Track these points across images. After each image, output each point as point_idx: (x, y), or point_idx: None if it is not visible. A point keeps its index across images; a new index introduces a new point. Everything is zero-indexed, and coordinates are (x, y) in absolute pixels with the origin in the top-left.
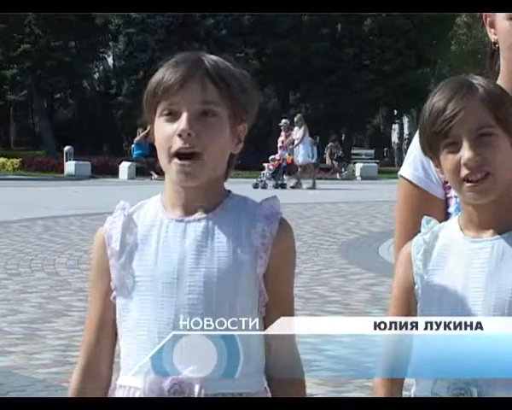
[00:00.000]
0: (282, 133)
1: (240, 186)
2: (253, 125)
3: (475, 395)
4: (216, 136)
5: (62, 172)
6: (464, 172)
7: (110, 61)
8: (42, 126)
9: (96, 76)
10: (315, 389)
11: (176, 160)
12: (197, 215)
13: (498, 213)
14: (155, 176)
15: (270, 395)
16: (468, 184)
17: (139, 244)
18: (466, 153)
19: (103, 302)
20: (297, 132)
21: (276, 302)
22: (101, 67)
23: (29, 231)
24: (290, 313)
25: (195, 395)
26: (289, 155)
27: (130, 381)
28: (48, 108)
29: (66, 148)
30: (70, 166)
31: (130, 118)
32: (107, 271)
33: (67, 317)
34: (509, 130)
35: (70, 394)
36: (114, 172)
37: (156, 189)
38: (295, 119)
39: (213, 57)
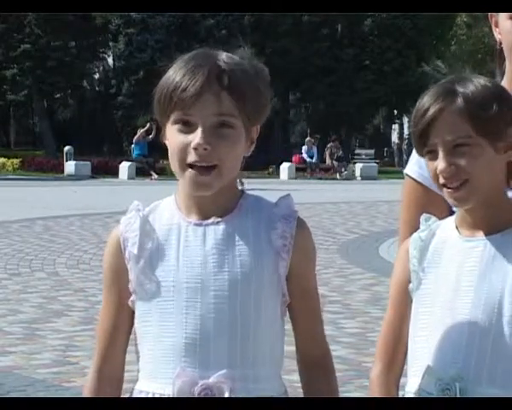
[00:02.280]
0: None
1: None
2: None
3: (458, 391)
4: (232, 147)
5: (62, 172)
6: (441, 179)
7: (110, 61)
8: (42, 126)
9: (96, 76)
10: None
11: (190, 170)
12: (215, 218)
13: (490, 214)
14: (155, 176)
15: (288, 396)
16: (447, 190)
17: (158, 248)
18: (440, 163)
19: (117, 306)
20: None
21: (302, 301)
22: (102, 67)
23: (29, 231)
24: (316, 309)
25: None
26: None
27: (154, 387)
28: (48, 108)
29: (66, 148)
30: (70, 166)
31: (130, 118)
32: (122, 274)
33: (67, 317)
34: (491, 137)
35: (84, 395)
36: (114, 172)
37: (156, 189)
38: None
39: (229, 61)
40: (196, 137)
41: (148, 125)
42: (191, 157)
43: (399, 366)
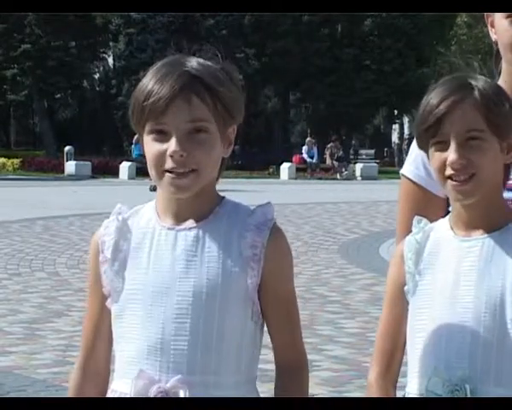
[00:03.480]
0: None
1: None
2: (253, 126)
3: (468, 392)
4: (208, 152)
5: (63, 172)
6: (449, 171)
7: (110, 61)
8: (42, 126)
9: (97, 76)
10: (315, 389)
11: (168, 174)
12: (188, 224)
13: (487, 212)
14: None
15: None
16: (452, 183)
17: (132, 252)
18: (452, 154)
19: (99, 306)
20: None
21: (276, 309)
22: (102, 67)
23: (29, 231)
24: (293, 316)
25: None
26: None
27: (120, 386)
28: (48, 108)
29: (67, 148)
30: (70, 166)
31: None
32: (101, 276)
33: (68, 317)
34: (500, 134)
35: (69, 392)
36: (115, 172)
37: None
38: None
39: (198, 66)
40: (171, 145)
41: None
42: (168, 164)
43: (397, 367)
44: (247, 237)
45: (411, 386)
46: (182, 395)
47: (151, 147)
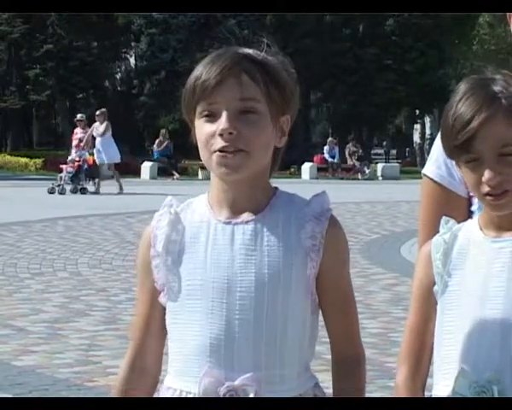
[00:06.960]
0: (78, 130)
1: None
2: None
3: (496, 394)
4: (258, 133)
5: None
6: (485, 188)
7: (132, 61)
8: (64, 126)
9: (118, 76)
10: None
11: (217, 153)
12: (245, 217)
13: None
14: (177, 176)
15: (319, 391)
16: (488, 198)
17: (187, 247)
18: (487, 172)
19: (150, 301)
20: (98, 128)
21: (333, 300)
22: (124, 68)
23: (51, 230)
24: (349, 308)
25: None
26: (91, 154)
27: (180, 384)
28: (70, 108)
29: None
30: None
31: (152, 118)
32: (152, 270)
33: (90, 316)
34: None
35: (116, 390)
36: (136, 172)
37: (178, 189)
38: (97, 112)
39: (250, 51)
40: (221, 123)
41: (163, 131)
42: (217, 144)
43: (425, 369)
44: (306, 228)
45: (438, 387)
46: (251, 392)
47: (202, 129)
